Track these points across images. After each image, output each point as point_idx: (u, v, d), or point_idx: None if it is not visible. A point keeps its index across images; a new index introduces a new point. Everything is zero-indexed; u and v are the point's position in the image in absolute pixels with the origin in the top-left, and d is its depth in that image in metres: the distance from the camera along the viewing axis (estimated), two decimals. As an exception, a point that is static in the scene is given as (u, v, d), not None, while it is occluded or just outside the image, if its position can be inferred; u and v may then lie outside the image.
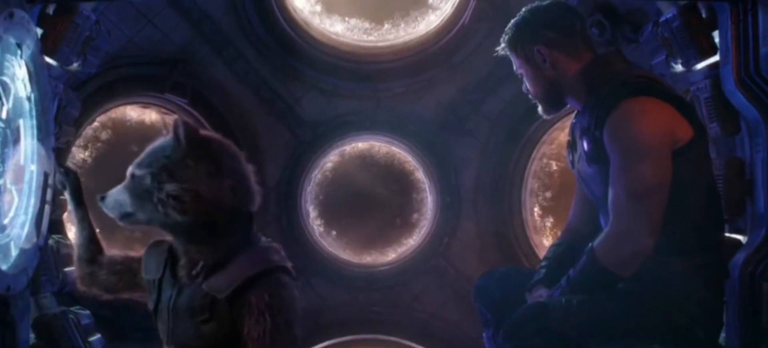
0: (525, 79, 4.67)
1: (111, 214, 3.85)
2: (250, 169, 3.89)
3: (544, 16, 4.62)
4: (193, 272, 3.76)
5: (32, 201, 4.90)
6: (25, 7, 4.61)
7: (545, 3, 4.70)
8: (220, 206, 3.71)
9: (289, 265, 3.90)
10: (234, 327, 3.70)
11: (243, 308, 3.68)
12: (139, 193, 3.72)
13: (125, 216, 3.80)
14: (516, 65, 4.68)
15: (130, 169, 3.79)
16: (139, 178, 3.72)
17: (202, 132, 3.83)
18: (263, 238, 3.94)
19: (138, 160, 3.79)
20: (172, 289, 3.83)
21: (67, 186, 4.22)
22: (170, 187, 3.64)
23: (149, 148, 3.81)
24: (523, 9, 4.68)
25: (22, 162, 4.80)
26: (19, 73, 4.67)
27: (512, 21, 4.69)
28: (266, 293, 3.68)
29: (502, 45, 4.70)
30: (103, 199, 3.85)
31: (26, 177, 4.85)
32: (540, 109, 4.73)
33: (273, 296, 3.69)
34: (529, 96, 4.72)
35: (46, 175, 5.03)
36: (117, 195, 3.81)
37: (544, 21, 4.59)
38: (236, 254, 3.75)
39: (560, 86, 4.54)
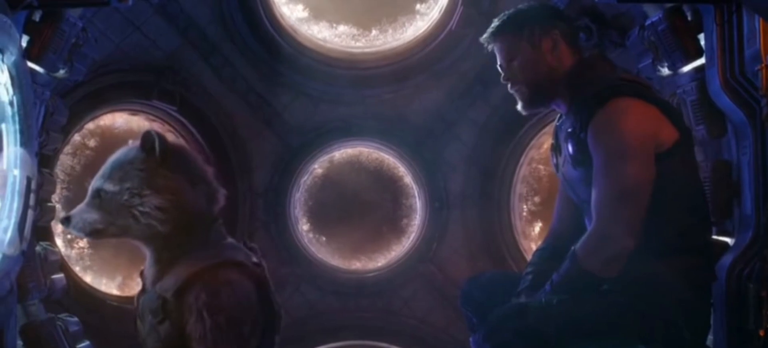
0: (519, 65, 4.59)
1: (77, 234, 3.86)
2: (210, 171, 3.92)
3: (559, 10, 4.75)
4: (157, 277, 3.77)
5: (15, 206, 4.88)
6: (8, 12, 4.60)
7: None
8: (197, 212, 3.76)
9: (246, 260, 3.87)
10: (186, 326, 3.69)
11: (184, 307, 3.67)
12: (111, 208, 3.71)
13: (95, 233, 3.79)
14: (509, 48, 4.60)
15: (94, 185, 3.77)
16: (112, 194, 3.70)
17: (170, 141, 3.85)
18: (229, 239, 3.94)
19: (102, 174, 3.76)
20: (141, 296, 3.85)
21: None
22: (155, 200, 3.66)
23: (111, 161, 3.79)
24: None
25: (5, 167, 4.79)
26: (1, 78, 4.66)
27: (525, 4, 4.69)
28: (203, 292, 3.64)
29: (498, 23, 4.64)
30: (67, 220, 3.81)
31: (9, 182, 4.84)
32: (520, 104, 4.68)
33: (211, 294, 3.65)
34: (512, 85, 4.65)
35: (29, 180, 5.01)
36: (83, 214, 3.77)
37: (560, 13, 4.67)
38: (187, 254, 3.74)
39: (555, 79, 4.51)
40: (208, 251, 3.77)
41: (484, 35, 4.67)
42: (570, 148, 4.35)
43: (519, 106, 4.70)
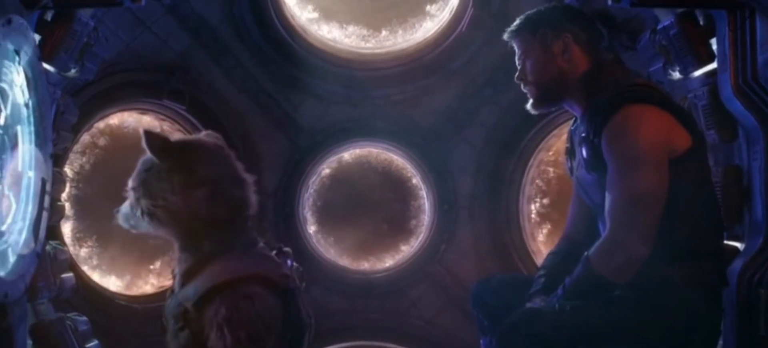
0: (530, 65, 4.64)
1: (124, 226, 3.92)
2: (235, 170, 3.86)
3: (577, 13, 4.74)
4: (182, 281, 3.77)
5: (30, 207, 4.89)
6: (23, 13, 4.60)
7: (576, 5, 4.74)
8: (195, 216, 3.70)
9: (273, 272, 3.80)
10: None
11: (205, 321, 3.64)
12: (132, 207, 3.80)
13: (130, 227, 3.88)
14: (524, 48, 4.66)
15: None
16: (129, 193, 3.79)
17: (175, 139, 3.83)
18: (260, 245, 3.91)
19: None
20: (169, 297, 3.85)
21: None
22: (143, 203, 3.70)
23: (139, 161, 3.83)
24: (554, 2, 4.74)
25: (20, 168, 4.79)
26: (17, 80, 4.66)
27: (544, 6, 4.72)
28: (223, 307, 3.59)
29: (516, 23, 4.69)
30: (117, 212, 3.92)
31: (24, 183, 4.85)
32: (530, 103, 4.71)
33: (231, 309, 3.59)
34: (523, 84, 4.69)
35: (43, 182, 5.02)
36: (124, 208, 3.87)
37: (577, 16, 4.68)
38: (212, 261, 3.71)
39: (565, 82, 4.54)
40: (232, 261, 3.72)
41: (505, 34, 4.72)
42: (584, 153, 4.37)
43: (528, 105, 4.73)
